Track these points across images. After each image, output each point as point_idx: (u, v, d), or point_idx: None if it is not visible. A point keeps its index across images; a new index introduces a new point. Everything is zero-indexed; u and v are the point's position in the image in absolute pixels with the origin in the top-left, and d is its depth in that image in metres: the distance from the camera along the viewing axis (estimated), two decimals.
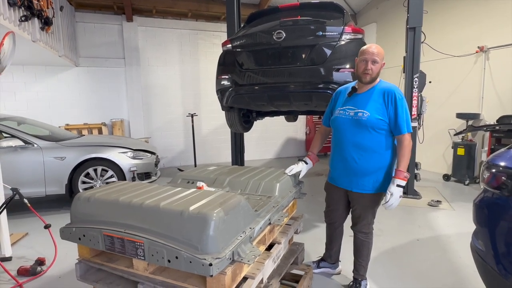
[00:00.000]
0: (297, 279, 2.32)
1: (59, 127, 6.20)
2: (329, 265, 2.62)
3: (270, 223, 1.80)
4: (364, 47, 2.11)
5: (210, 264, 1.23)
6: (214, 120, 8.11)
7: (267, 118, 5.32)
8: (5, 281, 2.65)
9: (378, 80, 2.15)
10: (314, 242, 3.11)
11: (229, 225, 1.40)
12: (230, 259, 1.34)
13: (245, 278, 1.55)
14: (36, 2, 4.00)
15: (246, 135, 5.90)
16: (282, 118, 6.38)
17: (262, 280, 1.65)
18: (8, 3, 3.40)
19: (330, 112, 2.34)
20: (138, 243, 1.39)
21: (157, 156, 5.19)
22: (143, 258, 1.41)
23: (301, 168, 2.34)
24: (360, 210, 2.23)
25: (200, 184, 2.02)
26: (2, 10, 3.26)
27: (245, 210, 1.56)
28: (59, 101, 6.81)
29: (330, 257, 2.60)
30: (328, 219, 2.53)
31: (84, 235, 1.56)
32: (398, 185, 1.99)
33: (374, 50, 2.04)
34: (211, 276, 1.25)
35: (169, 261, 1.33)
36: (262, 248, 1.74)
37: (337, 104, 2.27)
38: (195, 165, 7.32)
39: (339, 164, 2.21)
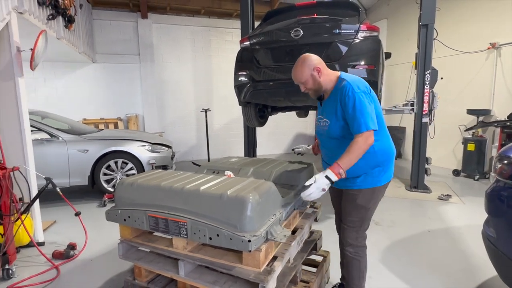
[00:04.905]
0: (315, 264, 2.47)
1: (77, 121, 6.42)
2: None
3: (294, 209, 1.95)
4: None
5: (249, 241, 1.38)
6: (226, 116, 8.28)
7: (278, 114, 5.45)
8: (42, 263, 2.86)
9: (335, 80, 1.88)
10: (329, 232, 3.25)
11: (263, 207, 1.55)
12: (265, 237, 1.49)
13: (274, 258, 1.70)
14: (61, 1, 4.18)
15: (258, 130, 6.04)
16: (293, 114, 6.48)
17: (289, 260, 1.80)
18: (38, 2, 3.57)
19: None
20: (182, 223, 1.55)
21: (173, 150, 5.37)
22: (185, 236, 1.57)
23: (305, 149, 2.53)
24: (343, 204, 2.02)
25: (228, 173, 2.17)
26: (33, 10, 3.44)
27: (275, 195, 1.71)
28: (76, 97, 7.05)
29: None
30: (338, 229, 2.27)
31: (129, 217, 1.73)
32: (327, 176, 1.67)
33: (293, 77, 1.92)
34: (250, 251, 1.40)
35: (210, 238, 1.48)
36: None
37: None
38: (209, 159, 7.49)
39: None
